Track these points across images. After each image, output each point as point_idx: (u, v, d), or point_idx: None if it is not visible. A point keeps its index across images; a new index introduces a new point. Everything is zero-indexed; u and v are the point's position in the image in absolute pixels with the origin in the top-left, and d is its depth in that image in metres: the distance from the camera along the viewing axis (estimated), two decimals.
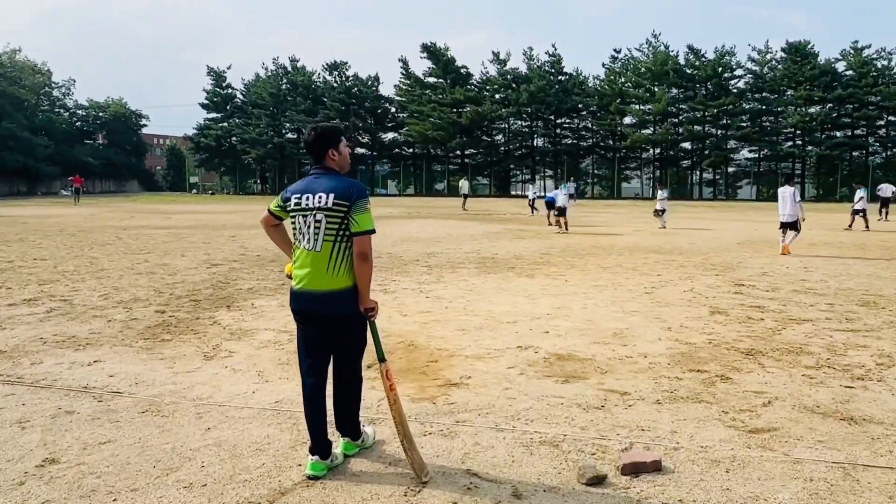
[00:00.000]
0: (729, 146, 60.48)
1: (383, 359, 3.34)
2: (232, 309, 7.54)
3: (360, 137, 69.03)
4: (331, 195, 3.19)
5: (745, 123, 59.17)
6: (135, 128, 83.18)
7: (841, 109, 56.70)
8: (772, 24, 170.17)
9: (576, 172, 62.24)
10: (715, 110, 57.93)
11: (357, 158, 69.91)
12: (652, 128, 61.84)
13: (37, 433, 3.83)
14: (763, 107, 59.55)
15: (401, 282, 9.59)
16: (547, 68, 64.10)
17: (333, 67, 70.43)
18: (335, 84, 69.69)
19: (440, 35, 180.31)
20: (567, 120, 65.80)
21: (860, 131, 58.43)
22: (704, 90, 59.50)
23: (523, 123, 66.79)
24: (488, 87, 66.27)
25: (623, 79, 63.05)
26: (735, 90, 59.58)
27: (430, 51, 65.72)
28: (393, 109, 70.46)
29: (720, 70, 58.74)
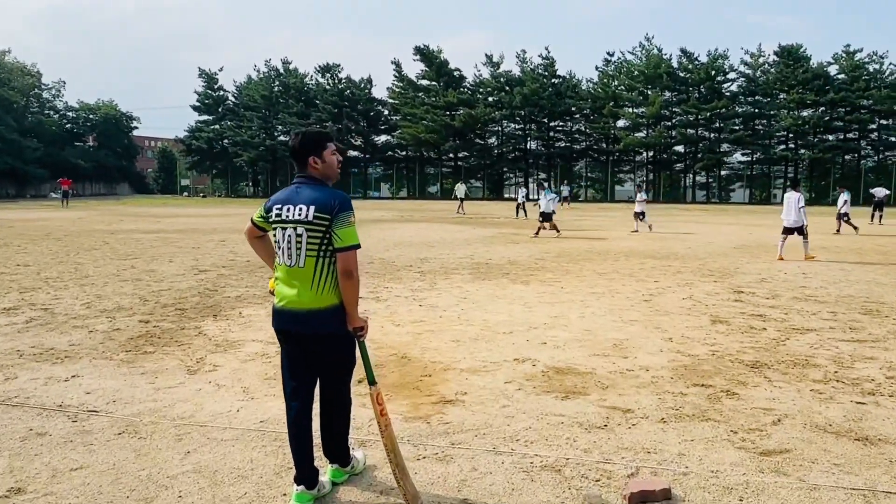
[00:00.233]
0: (722, 149, 60.46)
1: (374, 382, 3.11)
2: (219, 318, 7.30)
3: (353, 140, 68.75)
4: (311, 207, 2.96)
5: (738, 127, 59.19)
6: (126, 130, 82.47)
7: (833, 113, 56.82)
8: (763, 28, 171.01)
9: (569, 175, 62.08)
10: (708, 113, 57.93)
11: (350, 161, 69.62)
12: (645, 131, 61.79)
13: (4, 459, 3.59)
14: (756, 110, 59.60)
15: (393, 289, 9.36)
16: (540, 71, 63.94)
17: (326, 70, 70.16)
18: (328, 86, 69.38)
19: (433, 37, 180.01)
20: (560, 123, 65.62)
21: (852, 135, 58.57)
22: (697, 93, 59.44)
23: (516, 126, 66.66)
24: (481, 90, 66.07)
25: (616, 82, 62.98)
26: (728, 93, 59.60)
27: (423, 53, 65.50)
28: (386, 112, 70.16)
29: (713, 73, 58.75)
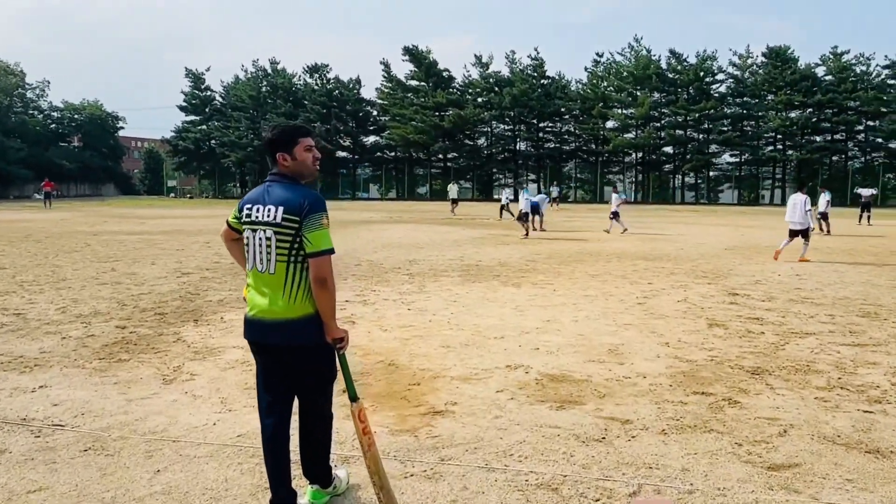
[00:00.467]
0: (711, 150, 60.62)
1: (355, 398, 2.87)
2: (199, 323, 7.03)
3: (342, 141, 68.38)
4: (280, 209, 2.73)
5: (727, 128, 59.36)
6: (111, 130, 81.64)
7: (821, 114, 57.07)
8: (751, 30, 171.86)
9: (558, 176, 62.04)
10: (697, 114, 58.07)
11: (339, 162, 69.25)
12: (634, 132, 61.83)
13: None
14: (744, 111, 59.81)
15: (381, 292, 9.12)
16: (529, 72, 63.84)
17: (314, 70, 69.72)
18: (316, 87, 68.95)
19: (422, 39, 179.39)
20: (550, 124, 65.55)
21: (840, 136, 58.88)
22: (686, 94, 59.54)
23: (506, 127, 66.52)
24: (471, 91, 65.89)
25: (605, 83, 62.98)
26: (716, 94, 59.77)
27: (412, 53, 65.22)
28: (375, 112, 69.80)
29: (702, 74, 58.89)
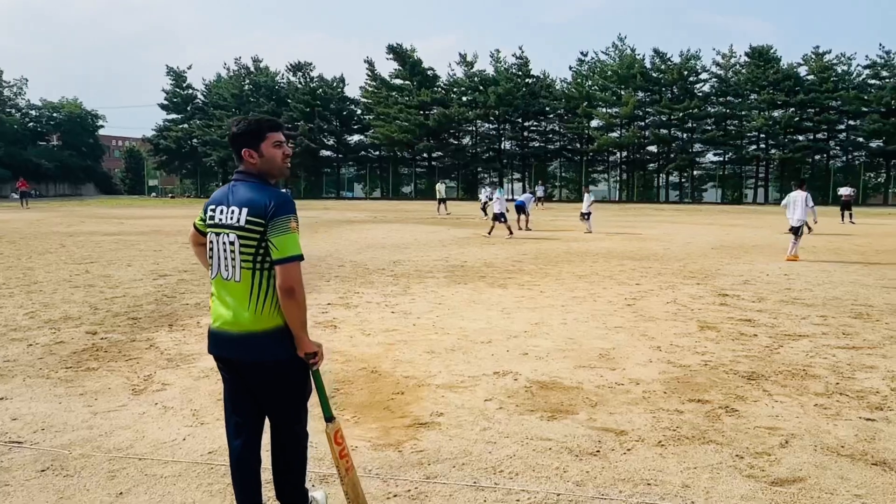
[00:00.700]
0: (694, 149, 60.87)
1: (331, 418, 2.63)
2: (174, 328, 6.75)
3: (326, 140, 67.86)
4: (244, 210, 2.48)
5: (710, 127, 59.56)
6: (91, 129, 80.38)
7: (803, 113, 57.41)
8: (734, 29, 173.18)
9: (543, 175, 61.97)
10: (680, 113, 58.20)
11: (322, 161, 68.75)
12: (618, 131, 61.90)
13: None
14: (727, 110, 60.01)
15: (364, 294, 8.87)
16: (514, 70, 63.69)
17: (297, 68, 69.09)
18: (299, 85, 68.33)
19: (407, 38, 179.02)
20: (534, 123, 65.41)
21: (821, 135, 59.26)
22: (670, 94, 59.71)
23: (491, 126, 66.28)
24: (455, 90, 65.59)
25: (590, 82, 62.97)
26: (700, 94, 59.93)
27: (397, 52, 64.83)
28: (359, 111, 69.29)
29: (685, 73, 59.04)
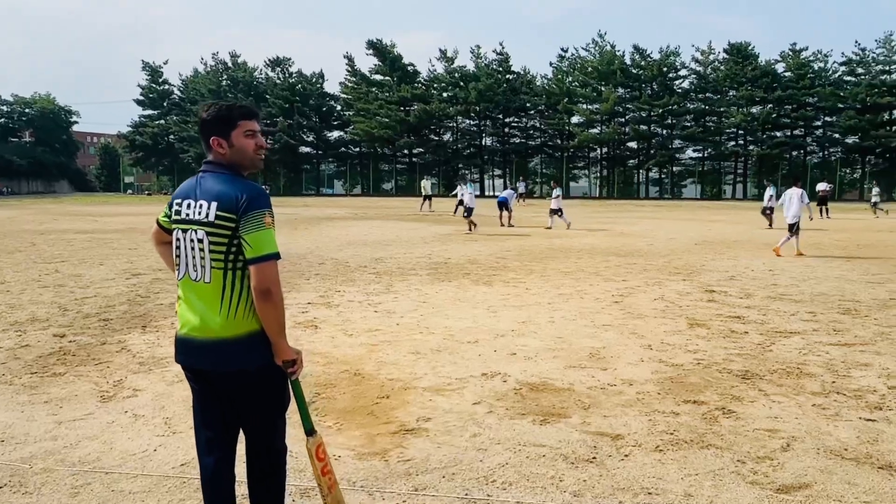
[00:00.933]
0: (674, 145, 61.26)
1: (312, 432, 2.42)
2: (147, 330, 6.47)
3: (305, 136, 67.25)
4: (213, 205, 2.25)
5: (690, 123, 60.05)
6: (64, 125, 79.04)
7: (780, 110, 58.03)
8: (713, 26, 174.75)
9: (524, 171, 61.96)
10: (660, 110, 58.55)
11: (302, 157, 68.14)
12: (599, 127, 62.13)
13: None
14: (706, 107, 60.49)
15: (346, 293, 8.64)
16: (495, 66, 63.60)
17: (276, 64, 68.42)
18: (278, 80, 67.66)
19: (387, 34, 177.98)
20: (515, 119, 65.48)
21: (799, 131, 59.96)
22: (650, 90, 60.04)
23: (472, 122, 66.17)
24: (436, 86, 65.39)
25: (571, 78, 63.12)
26: (679, 90, 60.38)
27: (377, 48, 64.41)
28: (338, 107, 68.86)
29: (665, 70, 59.43)
